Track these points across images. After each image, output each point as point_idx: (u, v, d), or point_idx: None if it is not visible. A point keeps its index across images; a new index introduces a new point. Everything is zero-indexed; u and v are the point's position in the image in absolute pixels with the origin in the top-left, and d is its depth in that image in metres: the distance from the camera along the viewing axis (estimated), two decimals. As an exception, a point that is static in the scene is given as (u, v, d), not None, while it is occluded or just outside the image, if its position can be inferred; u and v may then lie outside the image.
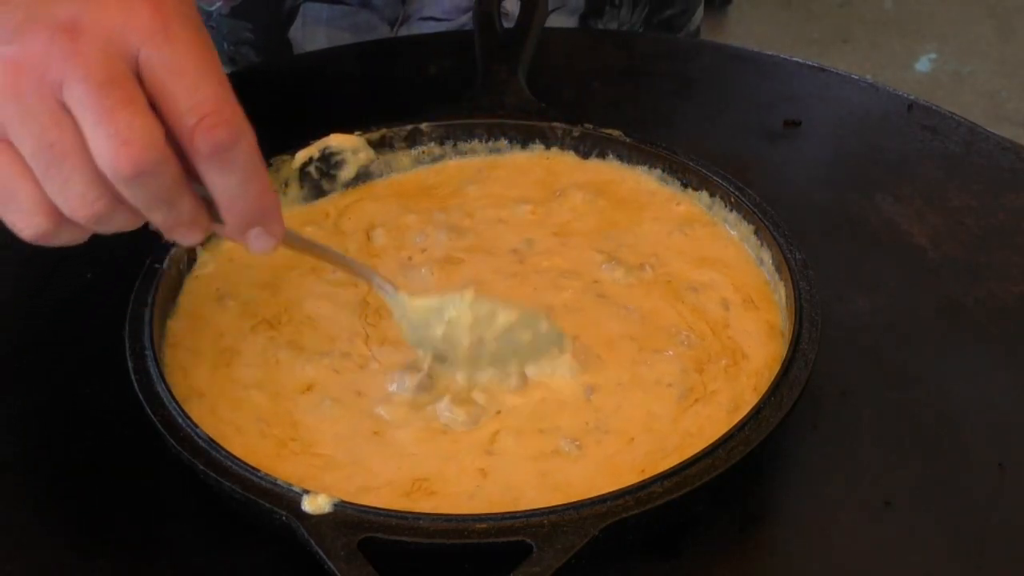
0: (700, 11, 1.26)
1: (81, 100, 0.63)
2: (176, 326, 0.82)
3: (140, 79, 0.65)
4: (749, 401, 0.75)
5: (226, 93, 0.66)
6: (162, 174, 0.65)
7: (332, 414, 0.77)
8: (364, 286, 0.84)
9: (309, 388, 0.79)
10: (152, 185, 0.65)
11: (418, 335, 0.78)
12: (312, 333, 0.82)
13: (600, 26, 1.17)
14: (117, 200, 0.66)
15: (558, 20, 1.15)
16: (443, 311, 0.77)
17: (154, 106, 0.65)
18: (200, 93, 0.65)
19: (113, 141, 0.63)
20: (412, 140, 0.94)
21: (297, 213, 0.90)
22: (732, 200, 0.87)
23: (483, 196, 0.92)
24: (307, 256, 0.79)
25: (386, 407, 0.77)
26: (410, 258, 0.88)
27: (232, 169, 0.67)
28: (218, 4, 1.13)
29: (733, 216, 0.88)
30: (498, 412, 0.77)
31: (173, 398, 0.74)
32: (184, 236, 0.70)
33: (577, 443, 0.75)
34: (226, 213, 0.69)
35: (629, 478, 0.71)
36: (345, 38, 1.12)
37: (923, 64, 2.88)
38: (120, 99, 0.63)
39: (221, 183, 0.67)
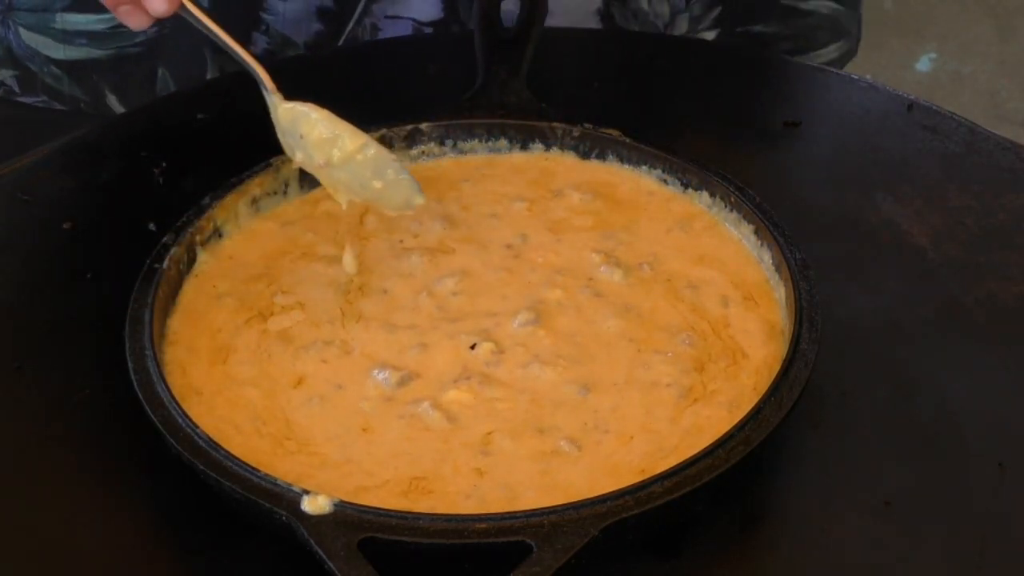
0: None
1: None
2: (176, 324, 0.82)
3: None
4: (749, 401, 0.75)
5: None
6: None
7: (321, 411, 0.77)
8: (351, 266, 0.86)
9: (300, 382, 0.79)
10: None
11: (286, 142, 0.83)
12: (300, 322, 0.82)
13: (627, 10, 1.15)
14: None
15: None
16: (299, 122, 0.81)
17: None
18: None
19: None
20: (412, 140, 0.94)
21: (287, 207, 0.90)
22: (732, 200, 0.87)
23: (479, 192, 0.92)
24: (203, 31, 0.84)
25: (369, 403, 0.77)
26: (401, 241, 0.88)
27: None
28: None
29: (733, 216, 0.88)
30: (488, 413, 0.77)
31: (173, 398, 0.74)
32: (127, 15, 0.81)
33: (576, 443, 0.75)
34: None
35: (628, 478, 0.71)
36: None
37: (923, 64, 2.88)
38: None
39: None
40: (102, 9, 1.07)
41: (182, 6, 0.80)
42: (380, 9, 1.12)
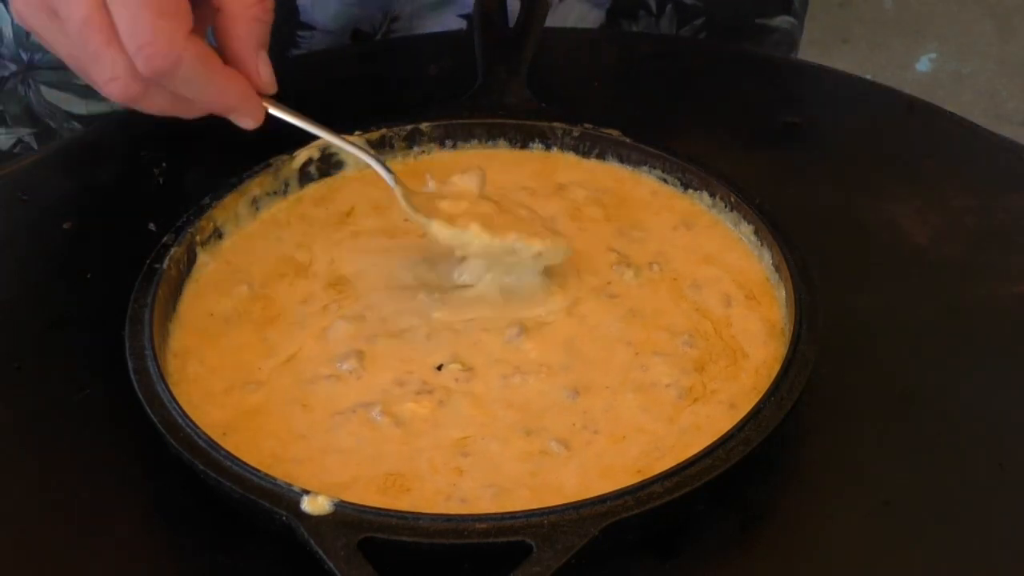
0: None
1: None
2: (176, 325, 0.82)
3: None
4: (749, 401, 0.75)
5: (163, 23, 0.73)
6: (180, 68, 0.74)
7: (296, 405, 0.76)
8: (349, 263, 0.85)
9: (289, 381, 0.79)
10: (180, 75, 0.74)
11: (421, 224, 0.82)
12: (294, 323, 0.82)
13: (634, 28, 1.16)
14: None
15: (584, 13, 1.14)
16: (459, 238, 0.81)
17: None
18: (138, 24, 0.73)
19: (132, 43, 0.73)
20: (412, 140, 0.94)
21: (284, 205, 0.90)
22: (732, 200, 0.87)
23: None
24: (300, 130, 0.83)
25: (335, 399, 0.77)
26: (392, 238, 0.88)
27: (183, 84, 0.75)
28: None
29: (733, 216, 0.88)
30: (481, 412, 0.76)
31: (173, 398, 0.74)
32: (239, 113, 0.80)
33: (564, 443, 0.74)
34: (206, 107, 0.79)
35: (624, 478, 0.71)
36: (353, 12, 1.11)
37: (923, 64, 2.89)
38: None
39: (183, 91, 0.76)
40: None
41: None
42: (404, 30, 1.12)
